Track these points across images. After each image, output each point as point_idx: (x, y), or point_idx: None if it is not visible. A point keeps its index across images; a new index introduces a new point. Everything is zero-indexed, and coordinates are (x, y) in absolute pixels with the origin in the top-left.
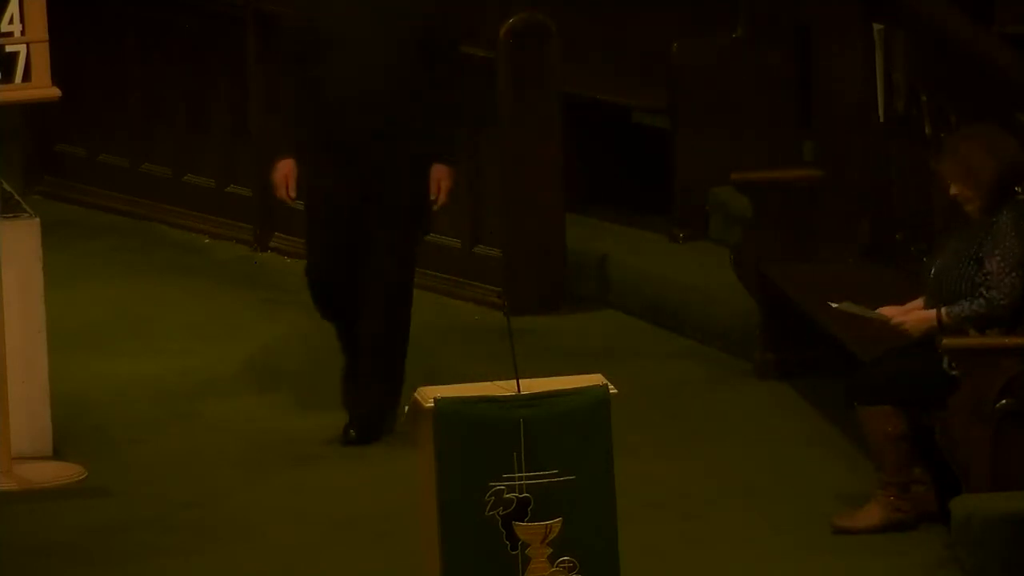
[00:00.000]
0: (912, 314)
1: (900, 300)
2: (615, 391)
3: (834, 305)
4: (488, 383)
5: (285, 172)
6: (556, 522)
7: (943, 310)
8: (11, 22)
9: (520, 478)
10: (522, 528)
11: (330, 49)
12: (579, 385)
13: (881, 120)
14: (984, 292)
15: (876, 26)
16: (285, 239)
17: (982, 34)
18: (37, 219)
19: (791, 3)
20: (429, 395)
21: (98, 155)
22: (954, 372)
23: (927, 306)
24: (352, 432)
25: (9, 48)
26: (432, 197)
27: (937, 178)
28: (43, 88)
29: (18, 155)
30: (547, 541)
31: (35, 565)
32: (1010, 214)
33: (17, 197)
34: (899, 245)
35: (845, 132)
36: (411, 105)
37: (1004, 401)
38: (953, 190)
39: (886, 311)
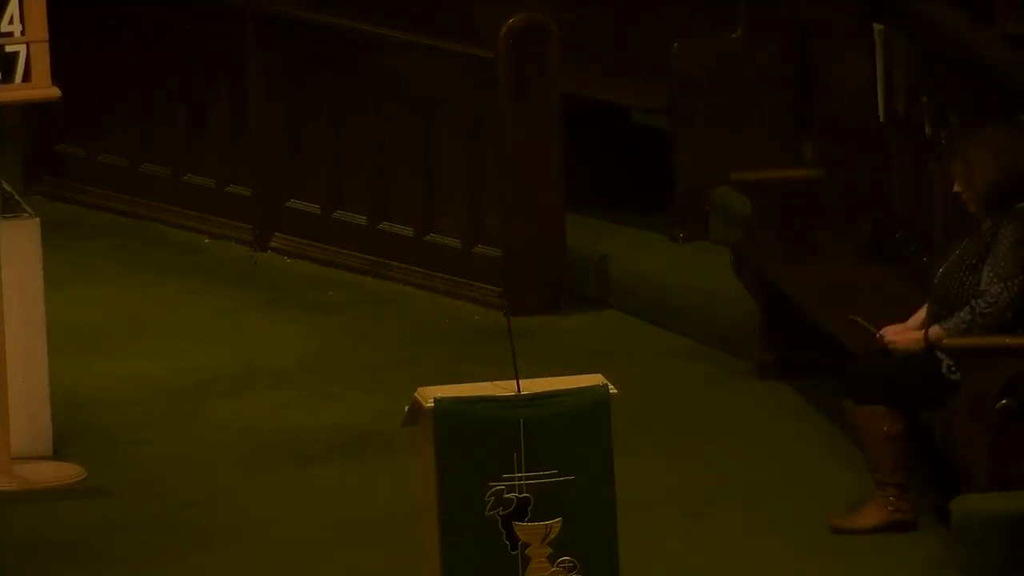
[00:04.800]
0: (902, 336)
1: (899, 299)
2: (615, 391)
3: (854, 318)
4: (488, 383)
5: None
6: (556, 522)
7: (930, 331)
8: (11, 22)
9: (520, 478)
10: (522, 528)
11: None
12: (579, 385)
13: (881, 120)
14: (972, 301)
15: (876, 26)
16: (285, 239)
17: (982, 34)
18: (37, 219)
19: (791, 3)
20: (429, 395)
21: (98, 155)
22: (954, 376)
23: (930, 312)
24: None
25: (9, 48)
26: None
27: (943, 175)
28: (43, 88)
29: (18, 155)
30: (547, 541)
31: (35, 565)
32: (1011, 225)
33: (17, 197)
34: (899, 245)
35: (845, 132)
36: None
37: (1004, 401)
38: (956, 187)
39: (886, 330)
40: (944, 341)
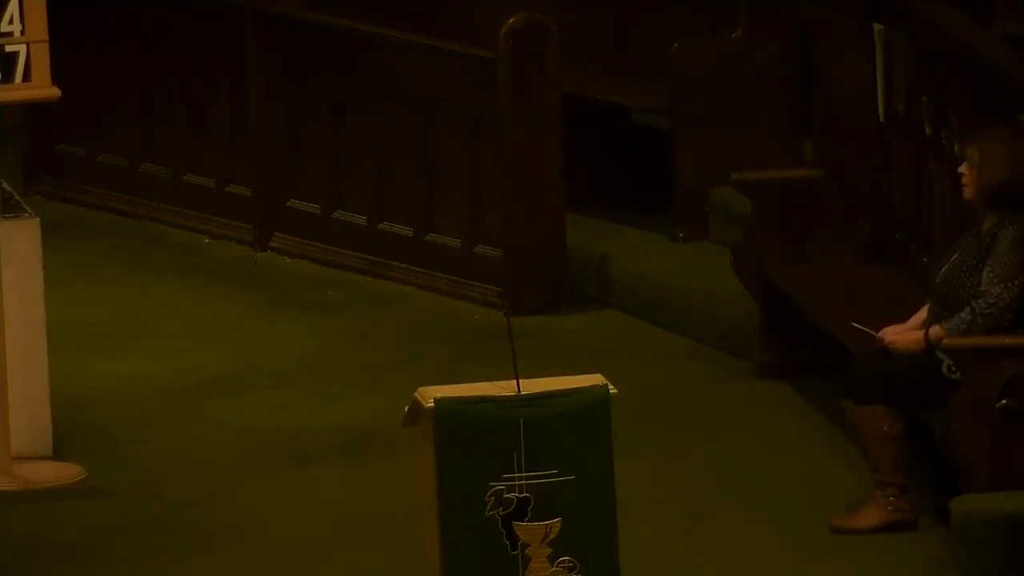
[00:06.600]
0: (903, 336)
1: (899, 299)
2: (615, 391)
3: (854, 324)
4: (488, 383)
5: None
6: (556, 522)
7: (930, 331)
8: (11, 22)
9: (520, 478)
10: (522, 528)
11: None
12: (579, 385)
13: (881, 120)
14: (972, 302)
15: (876, 26)
16: (285, 239)
17: (982, 34)
18: (37, 219)
19: (791, 3)
20: (429, 395)
21: (98, 155)
22: (954, 376)
23: (931, 312)
24: None
25: (9, 48)
26: None
27: (944, 175)
28: (43, 88)
29: (18, 155)
30: (547, 541)
31: (35, 565)
32: (1011, 226)
33: (17, 197)
34: (899, 245)
35: (845, 132)
36: None
37: (1004, 401)
38: (962, 169)
39: (886, 331)
40: (944, 341)
